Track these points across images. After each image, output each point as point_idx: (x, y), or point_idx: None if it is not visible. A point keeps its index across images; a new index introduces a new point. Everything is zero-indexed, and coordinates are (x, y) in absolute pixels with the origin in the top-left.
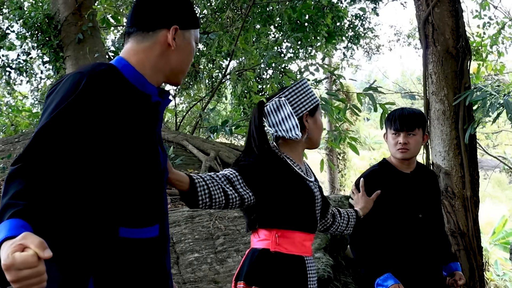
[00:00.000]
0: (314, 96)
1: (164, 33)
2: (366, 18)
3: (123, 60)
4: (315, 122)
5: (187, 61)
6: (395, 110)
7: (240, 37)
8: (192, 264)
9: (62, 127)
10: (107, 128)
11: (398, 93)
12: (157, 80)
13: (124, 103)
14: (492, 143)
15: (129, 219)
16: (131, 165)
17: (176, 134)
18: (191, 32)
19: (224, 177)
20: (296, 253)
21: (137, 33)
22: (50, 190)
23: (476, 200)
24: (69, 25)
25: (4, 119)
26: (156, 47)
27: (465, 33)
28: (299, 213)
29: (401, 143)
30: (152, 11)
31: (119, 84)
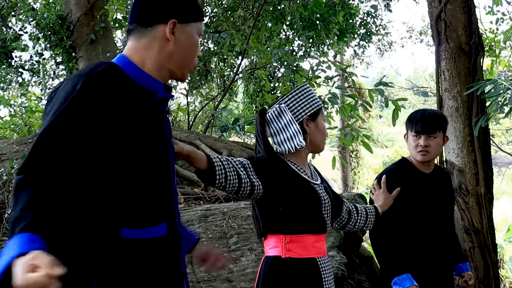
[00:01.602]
0: (315, 101)
1: (162, 28)
2: (378, 15)
3: (125, 58)
4: (317, 126)
5: (190, 55)
6: (416, 111)
7: (252, 35)
8: None
9: (61, 130)
10: (109, 128)
11: (411, 89)
12: (162, 75)
13: (126, 101)
14: (506, 139)
15: (131, 220)
16: (136, 164)
17: (188, 134)
18: (193, 25)
19: (239, 162)
20: (308, 256)
21: (137, 29)
22: (56, 195)
23: (490, 197)
24: (82, 26)
25: (18, 120)
26: (155, 43)
27: (478, 29)
28: (305, 216)
29: (422, 145)
30: (151, 6)
31: (120, 82)
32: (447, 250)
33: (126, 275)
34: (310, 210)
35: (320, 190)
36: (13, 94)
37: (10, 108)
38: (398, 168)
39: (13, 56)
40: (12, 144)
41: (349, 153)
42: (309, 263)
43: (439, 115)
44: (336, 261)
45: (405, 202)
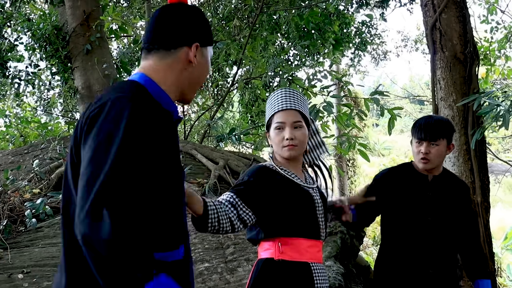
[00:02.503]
0: (267, 112)
1: (186, 50)
2: (373, 24)
3: (146, 77)
4: (269, 136)
5: (204, 77)
6: (422, 118)
7: (247, 45)
8: (203, 274)
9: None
10: (152, 155)
11: (407, 98)
12: (175, 96)
13: (160, 126)
14: (502, 147)
15: (161, 243)
16: (165, 188)
17: (184, 143)
18: (208, 49)
19: (228, 202)
20: (301, 260)
21: (158, 51)
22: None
23: (487, 205)
24: (77, 36)
25: (13, 131)
26: (178, 64)
27: (473, 38)
28: (299, 219)
29: (423, 152)
30: (174, 29)
31: (153, 107)
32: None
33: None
34: (303, 212)
35: (314, 193)
36: (8, 104)
37: (6, 118)
38: (396, 168)
39: (8, 67)
40: (7, 155)
41: (345, 162)
42: (302, 267)
43: (444, 122)
44: (333, 271)
45: (396, 202)
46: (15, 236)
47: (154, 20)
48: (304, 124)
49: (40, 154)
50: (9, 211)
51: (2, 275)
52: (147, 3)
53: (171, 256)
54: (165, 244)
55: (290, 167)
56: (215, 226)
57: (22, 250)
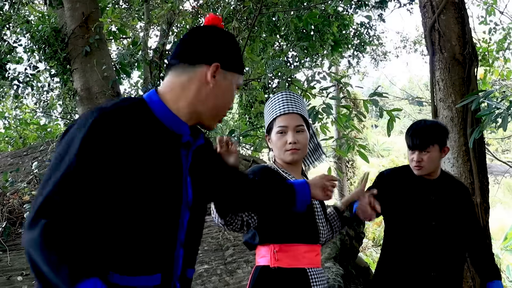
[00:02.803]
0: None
1: (204, 69)
2: (372, 25)
3: (155, 96)
4: (271, 140)
5: (225, 103)
6: (412, 124)
7: (246, 47)
8: (202, 275)
9: (79, 173)
10: (119, 166)
11: (406, 99)
12: (191, 119)
13: (143, 140)
14: (502, 148)
15: (122, 265)
16: (138, 208)
17: None
18: (234, 75)
19: None
20: (298, 266)
21: (178, 65)
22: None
23: (486, 206)
24: (76, 38)
25: (12, 132)
26: (193, 82)
27: (472, 39)
28: (296, 224)
29: (415, 160)
30: (197, 45)
31: (140, 120)
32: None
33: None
34: (301, 218)
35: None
36: (7, 106)
37: (5, 120)
38: (398, 170)
39: (7, 69)
40: (6, 157)
41: (345, 163)
42: (299, 273)
43: (435, 127)
44: (332, 272)
45: (399, 205)
46: (14, 238)
47: (183, 38)
48: (305, 128)
49: (39, 156)
50: (8, 213)
51: (2, 277)
52: (146, 5)
53: (136, 282)
54: (129, 266)
55: (291, 171)
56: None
57: (21, 252)
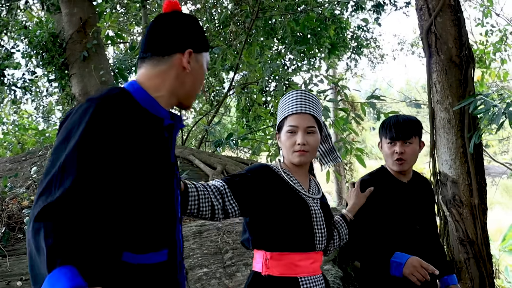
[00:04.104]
0: (280, 113)
1: (179, 57)
2: (369, 28)
3: (136, 84)
4: (280, 139)
5: (199, 84)
6: (389, 118)
7: (244, 50)
8: (201, 279)
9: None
10: (120, 154)
11: (403, 102)
12: (171, 103)
13: (136, 127)
14: (499, 149)
15: (133, 244)
16: (142, 189)
17: (182, 149)
18: (203, 55)
19: (216, 189)
20: (289, 275)
21: (152, 58)
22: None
23: (484, 207)
24: (74, 43)
25: (11, 138)
26: (171, 71)
27: (468, 41)
28: (289, 233)
29: (398, 152)
30: (167, 36)
31: (130, 108)
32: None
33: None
34: (296, 225)
35: (314, 204)
36: (5, 111)
37: (3, 126)
38: (375, 175)
39: (5, 74)
40: (5, 162)
41: (343, 165)
42: (289, 282)
43: (413, 120)
44: (331, 275)
45: (382, 212)
46: (13, 244)
47: (149, 29)
48: (317, 129)
49: (38, 161)
50: (8, 219)
51: (1, 283)
52: (143, 10)
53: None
54: (140, 245)
55: (296, 173)
56: (193, 212)
57: (21, 257)
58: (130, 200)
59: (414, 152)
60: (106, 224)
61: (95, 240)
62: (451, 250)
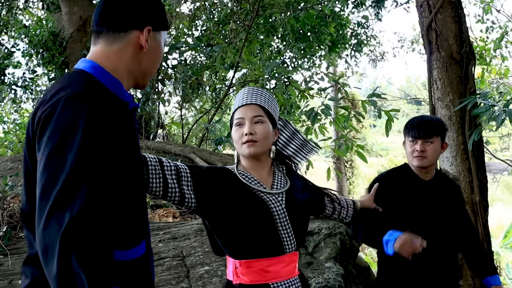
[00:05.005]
0: (232, 110)
1: (137, 34)
2: (369, 25)
3: (97, 66)
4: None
5: (156, 63)
6: (414, 118)
7: (244, 48)
8: (203, 277)
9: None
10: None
11: (404, 99)
12: (128, 84)
13: (117, 119)
14: (500, 146)
15: (121, 241)
16: (129, 183)
17: (183, 147)
18: (162, 33)
19: (174, 168)
20: (260, 282)
21: (108, 33)
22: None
23: (485, 204)
24: (74, 42)
25: (12, 137)
26: (128, 49)
27: (469, 38)
28: (252, 239)
29: (418, 150)
30: (124, 11)
31: (107, 99)
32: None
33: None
34: (258, 230)
35: (276, 202)
36: (6, 110)
37: (4, 125)
38: (396, 171)
39: (6, 73)
40: (6, 161)
41: (343, 163)
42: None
43: (437, 121)
44: (333, 272)
45: (401, 208)
46: (15, 242)
47: (104, 1)
48: (267, 119)
49: None
50: (9, 217)
51: (3, 281)
52: None
53: (133, 254)
54: (127, 242)
55: (254, 170)
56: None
57: (22, 256)
58: (119, 197)
59: (435, 151)
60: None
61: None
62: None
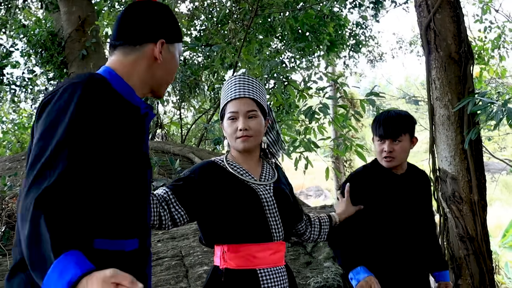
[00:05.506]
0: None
1: (151, 47)
2: (367, 26)
3: (112, 71)
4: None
5: (172, 74)
6: (380, 114)
7: (243, 48)
8: (202, 277)
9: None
10: (104, 138)
11: (403, 98)
12: (143, 92)
13: (117, 113)
14: (499, 146)
15: (106, 230)
16: (119, 176)
17: (182, 147)
18: (175, 45)
19: (161, 197)
20: (247, 267)
21: (124, 46)
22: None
23: (483, 204)
24: (73, 42)
25: (10, 137)
26: (143, 61)
27: (467, 38)
28: (243, 223)
29: (386, 151)
30: (139, 25)
31: (110, 94)
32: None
33: None
34: (248, 215)
35: (266, 192)
36: (4, 110)
37: (2, 125)
38: (368, 168)
39: (4, 73)
40: (4, 161)
41: (342, 163)
42: (248, 275)
43: (404, 117)
44: (331, 272)
45: (374, 204)
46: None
47: (121, 16)
48: (259, 113)
49: None
50: (7, 218)
51: (1, 282)
52: None
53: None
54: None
55: (244, 161)
56: None
57: None
58: (106, 185)
59: (403, 150)
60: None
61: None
62: (451, 247)
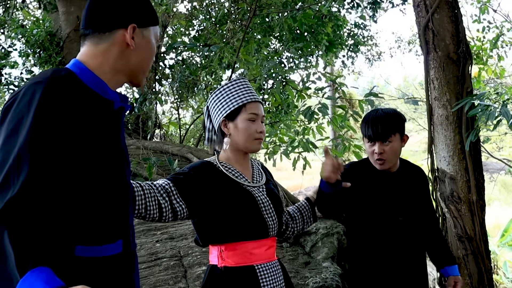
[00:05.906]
0: (233, 100)
1: (122, 33)
2: (366, 26)
3: (80, 64)
4: (236, 126)
5: (148, 60)
6: (368, 114)
7: (241, 48)
8: (200, 277)
9: (37, 148)
10: (72, 139)
11: (401, 98)
12: (118, 82)
13: (86, 110)
14: (497, 146)
15: (87, 236)
16: (94, 177)
17: (180, 147)
18: (150, 29)
19: (162, 187)
20: (245, 264)
21: (93, 34)
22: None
23: (482, 204)
24: (71, 42)
25: None
26: (114, 48)
27: (466, 38)
28: (239, 222)
29: (377, 153)
30: (107, 11)
31: (77, 90)
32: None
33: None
34: (244, 215)
35: (258, 192)
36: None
37: None
38: (360, 163)
39: (2, 73)
40: None
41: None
42: (246, 271)
43: (392, 116)
44: (330, 272)
45: (365, 201)
46: None
47: (89, 3)
48: None
49: None
50: None
51: None
52: None
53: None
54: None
55: (237, 163)
56: (141, 212)
57: None
58: (81, 189)
59: (394, 150)
60: (58, 216)
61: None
62: (449, 247)
